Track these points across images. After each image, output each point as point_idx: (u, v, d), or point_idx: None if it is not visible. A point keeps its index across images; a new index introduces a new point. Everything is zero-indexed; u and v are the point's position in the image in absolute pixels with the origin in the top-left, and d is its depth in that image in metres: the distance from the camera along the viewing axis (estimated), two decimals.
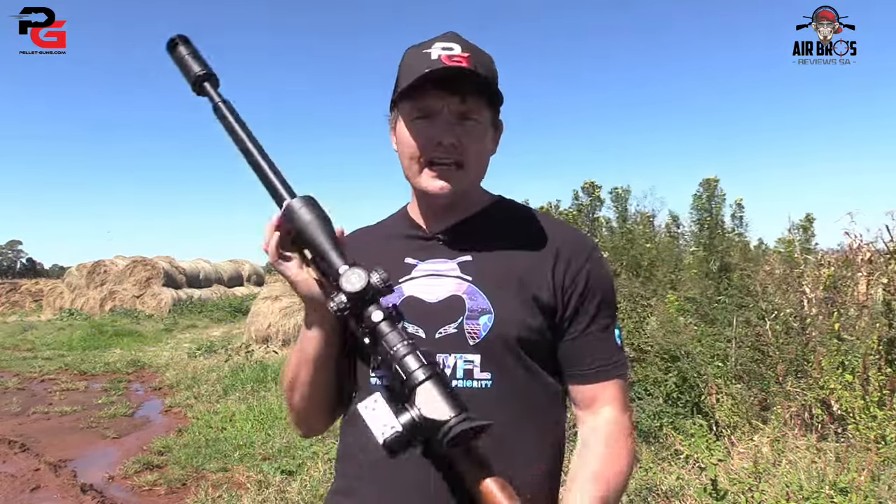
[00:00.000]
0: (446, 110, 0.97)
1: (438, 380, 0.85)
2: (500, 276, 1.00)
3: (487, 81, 0.97)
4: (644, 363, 4.31)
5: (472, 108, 0.98)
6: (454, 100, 0.96)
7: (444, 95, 0.96)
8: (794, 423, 3.71)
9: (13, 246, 75.12)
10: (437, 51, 0.97)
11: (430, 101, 0.97)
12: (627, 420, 1.01)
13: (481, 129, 1.00)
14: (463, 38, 1.00)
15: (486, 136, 1.03)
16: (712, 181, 6.14)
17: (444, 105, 0.97)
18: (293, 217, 0.93)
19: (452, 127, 0.97)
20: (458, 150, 0.98)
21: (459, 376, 0.95)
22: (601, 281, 1.03)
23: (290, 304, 11.00)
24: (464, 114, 0.98)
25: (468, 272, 1.00)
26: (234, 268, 22.79)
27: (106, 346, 11.83)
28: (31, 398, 7.29)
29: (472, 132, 0.99)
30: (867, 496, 2.63)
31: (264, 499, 3.86)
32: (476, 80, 0.96)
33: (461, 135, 0.98)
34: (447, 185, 0.99)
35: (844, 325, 4.00)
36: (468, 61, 0.96)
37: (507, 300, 0.98)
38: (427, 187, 1.00)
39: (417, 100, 0.98)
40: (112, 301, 18.78)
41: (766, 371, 4.16)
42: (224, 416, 5.95)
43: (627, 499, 3.24)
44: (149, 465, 4.62)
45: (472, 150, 1.00)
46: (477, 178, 1.05)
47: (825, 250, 6.02)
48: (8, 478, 4.41)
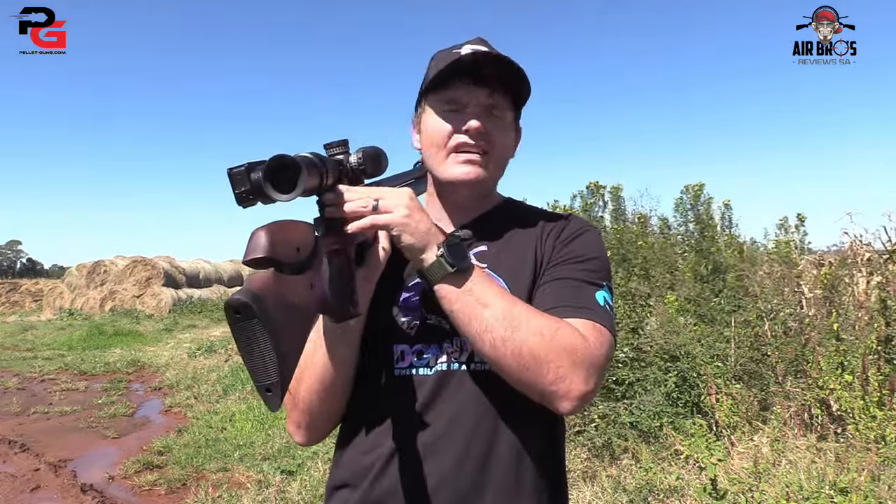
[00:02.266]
0: (474, 102, 1.00)
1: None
2: (515, 262, 1.03)
3: (520, 72, 0.98)
4: (644, 363, 4.31)
5: (498, 103, 1.01)
6: (482, 92, 1.00)
7: (471, 88, 1.00)
8: (793, 423, 3.72)
9: (13, 246, 75.14)
10: (467, 49, 1.01)
11: (459, 94, 1.01)
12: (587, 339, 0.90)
13: (506, 124, 1.04)
14: (491, 45, 1.05)
15: (510, 134, 1.06)
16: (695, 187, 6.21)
17: (472, 97, 1.00)
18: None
19: (480, 117, 1.00)
20: (486, 137, 1.01)
21: (478, 359, 0.97)
22: (587, 244, 1.04)
23: None
24: (490, 107, 1.01)
25: (484, 260, 1.03)
26: (235, 268, 22.79)
27: (106, 346, 11.83)
28: (31, 398, 7.29)
29: (497, 125, 1.02)
30: (867, 496, 2.63)
31: (264, 499, 3.87)
32: (508, 69, 0.98)
33: (488, 125, 1.01)
34: (473, 171, 1.01)
35: (843, 325, 4.00)
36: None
37: (523, 283, 1.00)
38: (453, 173, 1.02)
39: (447, 91, 1.01)
40: (112, 301, 18.78)
41: (766, 371, 4.16)
42: (224, 416, 5.95)
43: (628, 498, 3.24)
44: (149, 465, 4.62)
45: (498, 142, 1.03)
46: (498, 172, 1.07)
47: (823, 250, 6.03)
48: (8, 478, 4.41)
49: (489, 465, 0.95)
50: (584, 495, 3.38)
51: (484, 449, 0.95)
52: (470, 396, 0.97)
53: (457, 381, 0.98)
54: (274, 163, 0.75)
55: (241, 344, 0.69)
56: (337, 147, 0.89)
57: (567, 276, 0.99)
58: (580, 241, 1.04)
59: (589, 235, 1.05)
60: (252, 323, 0.68)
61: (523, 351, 0.85)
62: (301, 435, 1.04)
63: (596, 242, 1.05)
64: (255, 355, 0.69)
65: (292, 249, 0.75)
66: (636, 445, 3.84)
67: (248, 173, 0.76)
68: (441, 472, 0.95)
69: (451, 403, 0.97)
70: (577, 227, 1.06)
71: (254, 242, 0.71)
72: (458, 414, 0.96)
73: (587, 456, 3.91)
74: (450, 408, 0.96)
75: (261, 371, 0.69)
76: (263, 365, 0.69)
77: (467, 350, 0.98)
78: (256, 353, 0.69)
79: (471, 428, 0.96)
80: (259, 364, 0.69)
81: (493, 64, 0.98)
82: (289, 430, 1.06)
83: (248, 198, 0.76)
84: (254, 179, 0.76)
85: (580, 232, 1.05)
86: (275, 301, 0.70)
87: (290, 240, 0.75)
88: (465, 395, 0.97)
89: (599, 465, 3.80)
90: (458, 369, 0.98)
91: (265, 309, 0.68)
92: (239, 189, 0.76)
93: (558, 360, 0.85)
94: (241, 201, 0.77)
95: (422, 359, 0.99)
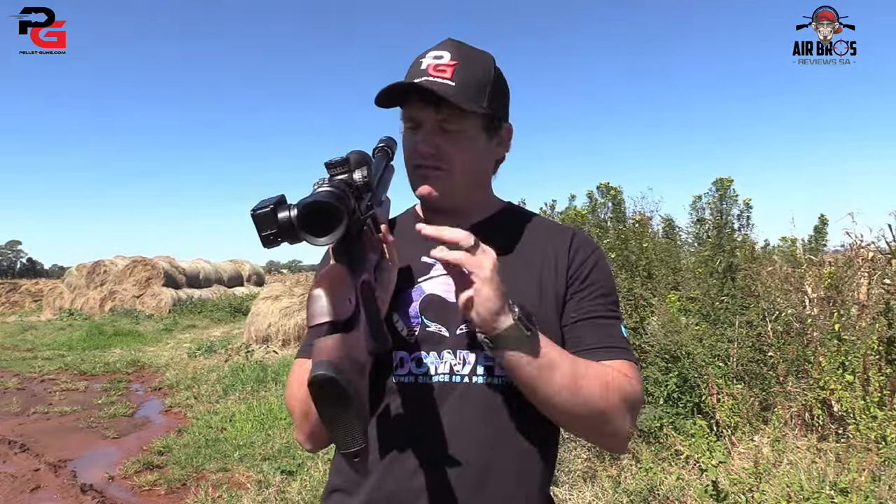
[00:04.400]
0: (428, 120, 1.01)
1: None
2: (513, 281, 1.01)
3: (445, 100, 0.96)
4: (644, 363, 4.31)
5: (450, 117, 0.99)
6: (430, 110, 1.00)
7: (422, 106, 1.00)
8: (794, 424, 3.71)
9: (13, 246, 75.16)
10: (428, 59, 1.00)
11: (413, 111, 1.01)
12: (633, 382, 0.97)
13: (465, 137, 1.01)
14: (458, 44, 1.02)
15: (474, 143, 1.03)
16: (726, 181, 6.16)
17: (423, 115, 1.00)
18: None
19: (432, 136, 1.01)
20: (437, 157, 1.01)
21: (480, 373, 0.97)
22: (605, 274, 1.07)
23: (290, 304, 11.01)
24: (442, 121, 1.00)
25: None
26: (234, 268, 22.79)
27: (106, 347, 11.83)
28: (31, 398, 7.29)
29: (455, 141, 1.01)
30: (867, 496, 2.63)
31: (264, 499, 3.86)
32: (442, 94, 0.96)
33: (442, 143, 1.01)
34: (428, 188, 1.03)
35: (845, 325, 4.00)
36: (452, 70, 0.98)
37: (524, 296, 1.00)
38: (416, 190, 1.05)
39: (404, 108, 1.03)
40: (112, 301, 18.78)
41: (767, 371, 4.16)
42: (224, 417, 5.95)
43: (628, 499, 3.24)
44: (149, 465, 4.62)
45: (456, 157, 1.02)
46: (466, 184, 1.05)
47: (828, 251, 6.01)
48: (8, 478, 4.40)
49: (487, 478, 0.95)
50: (584, 495, 3.37)
51: (482, 462, 0.95)
52: (470, 408, 0.96)
53: (458, 393, 0.97)
54: (306, 210, 0.72)
55: (326, 417, 0.67)
56: (339, 167, 0.85)
57: (599, 314, 1.02)
58: (599, 270, 1.06)
59: (603, 263, 1.08)
60: (338, 394, 0.66)
61: (587, 408, 0.91)
62: (310, 444, 1.05)
63: (608, 269, 1.09)
64: (340, 425, 0.67)
65: (347, 302, 0.73)
66: (636, 445, 3.84)
67: (275, 214, 0.73)
68: (438, 482, 0.94)
69: (451, 414, 0.96)
70: (589, 252, 1.07)
71: (317, 306, 0.69)
72: (458, 425, 0.95)
73: (587, 456, 3.91)
74: (449, 418, 0.96)
75: (347, 439, 0.68)
76: (349, 433, 0.68)
77: (469, 362, 0.97)
78: (341, 422, 0.67)
79: (470, 440, 0.95)
80: (344, 433, 0.68)
81: (425, 91, 0.96)
82: (298, 440, 1.06)
83: (276, 240, 0.74)
84: (281, 221, 0.73)
85: (595, 258, 1.06)
86: (350, 366, 0.68)
87: (344, 291, 0.73)
88: (465, 406, 0.96)
89: (599, 465, 3.80)
90: (459, 382, 0.97)
91: (348, 379, 0.66)
92: (265, 231, 0.73)
93: (615, 411, 0.93)
94: (267, 243, 0.74)
95: (421, 366, 0.99)
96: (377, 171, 1.01)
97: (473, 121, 1.01)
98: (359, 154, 0.91)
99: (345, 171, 0.84)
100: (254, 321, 10.94)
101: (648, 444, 3.87)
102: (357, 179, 0.86)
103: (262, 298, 11.61)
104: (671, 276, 5.30)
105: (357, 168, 0.86)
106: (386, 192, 1.03)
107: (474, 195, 1.09)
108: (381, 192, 1.00)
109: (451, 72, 0.98)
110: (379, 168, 1.02)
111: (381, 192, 1.00)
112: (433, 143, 1.00)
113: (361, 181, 0.86)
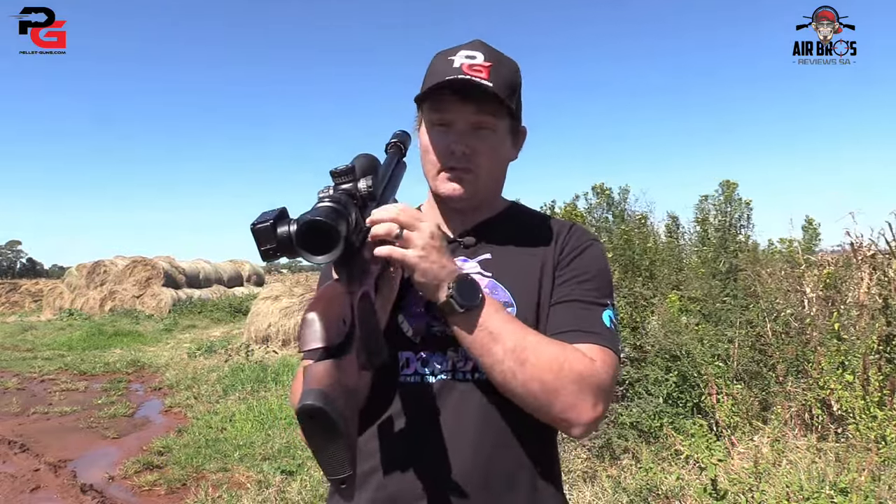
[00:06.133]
0: (461, 120, 1.01)
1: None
2: (518, 271, 1.03)
3: (498, 97, 0.98)
4: (644, 363, 4.31)
5: (486, 118, 1.01)
6: (468, 109, 1.00)
7: (459, 104, 1.00)
8: (794, 424, 3.72)
9: (13, 246, 75.14)
10: (461, 59, 1.01)
11: (447, 108, 1.01)
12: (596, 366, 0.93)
13: (496, 138, 1.04)
14: (488, 47, 1.04)
15: (502, 145, 1.06)
16: (731, 184, 6.24)
17: (459, 114, 1.01)
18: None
19: (466, 137, 1.01)
20: (470, 158, 1.02)
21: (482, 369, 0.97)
22: (592, 261, 1.05)
23: (289, 304, 11.02)
24: (477, 124, 1.01)
25: (488, 269, 1.04)
26: (234, 268, 22.78)
27: (106, 347, 11.83)
28: (31, 398, 7.29)
29: (485, 141, 1.02)
30: (867, 496, 2.63)
31: (264, 499, 3.87)
32: (489, 92, 0.98)
33: (474, 144, 1.01)
34: (459, 188, 1.03)
35: (844, 325, 4.00)
36: (488, 72, 0.99)
37: (527, 292, 1.01)
38: (443, 190, 1.05)
39: (436, 105, 1.02)
40: (112, 301, 18.77)
41: (767, 371, 4.16)
42: (224, 417, 5.95)
43: (628, 499, 3.24)
44: (149, 466, 4.62)
45: (485, 158, 1.03)
46: (490, 184, 1.08)
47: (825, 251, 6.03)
48: (8, 478, 4.41)
49: (491, 476, 0.95)
50: (584, 495, 3.37)
51: (487, 460, 0.95)
52: (474, 407, 0.97)
53: (461, 391, 0.97)
54: (304, 227, 0.73)
55: (313, 444, 0.67)
56: (344, 176, 0.85)
57: (576, 297, 1.01)
58: (585, 256, 1.05)
59: (593, 250, 1.07)
60: (326, 425, 0.65)
61: (533, 382, 0.89)
62: None
63: (600, 257, 1.07)
64: (328, 452, 0.67)
65: (340, 325, 0.72)
66: (636, 445, 3.84)
67: (275, 229, 0.73)
68: (443, 482, 0.94)
69: (455, 413, 0.96)
70: (581, 241, 1.07)
71: (310, 331, 0.69)
72: (462, 424, 0.96)
73: (587, 456, 3.91)
74: (453, 417, 0.96)
75: (334, 466, 0.67)
76: (336, 460, 0.67)
77: (472, 360, 0.97)
78: (329, 450, 0.67)
79: (474, 438, 0.95)
80: (331, 460, 0.67)
81: (476, 88, 0.98)
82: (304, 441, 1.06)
83: (276, 254, 0.74)
84: (280, 236, 0.73)
85: (585, 246, 1.06)
86: (340, 394, 0.68)
87: (338, 314, 0.72)
88: (469, 405, 0.97)
89: (599, 465, 3.80)
90: (462, 379, 0.98)
91: (337, 409, 0.66)
92: (265, 246, 0.74)
93: (567, 390, 0.89)
94: (266, 257, 0.75)
95: (426, 366, 0.99)
96: (387, 170, 1.01)
97: (504, 123, 1.04)
98: (366, 159, 0.91)
99: (350, 179, 0.85)
100: (254, 321, 10.94)
101: (648, 443, 3.87)
102: (362, 189, 0.86)
103: (262, 298, 11.62)
104: (674, 276, 5.31)
105: (363, 176, 0.86)
106: (395, 193, 1.02)
107: (490, 195, 1.11)
108: (390, 194, 0.99)
109: (486, 73, 0.99)
110: (389, 167, 1.02)
111: (390, 194, 0.99)
112: (469, 144, 1.01)
113: (366, 191, 0.86)
